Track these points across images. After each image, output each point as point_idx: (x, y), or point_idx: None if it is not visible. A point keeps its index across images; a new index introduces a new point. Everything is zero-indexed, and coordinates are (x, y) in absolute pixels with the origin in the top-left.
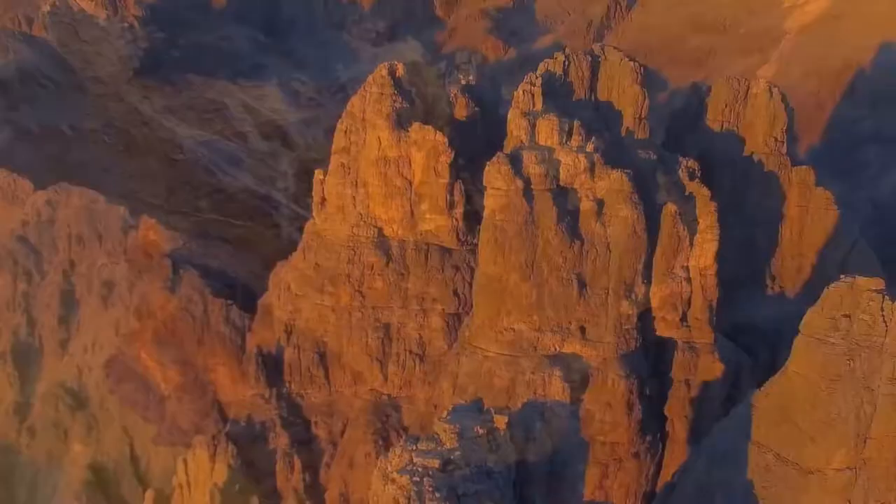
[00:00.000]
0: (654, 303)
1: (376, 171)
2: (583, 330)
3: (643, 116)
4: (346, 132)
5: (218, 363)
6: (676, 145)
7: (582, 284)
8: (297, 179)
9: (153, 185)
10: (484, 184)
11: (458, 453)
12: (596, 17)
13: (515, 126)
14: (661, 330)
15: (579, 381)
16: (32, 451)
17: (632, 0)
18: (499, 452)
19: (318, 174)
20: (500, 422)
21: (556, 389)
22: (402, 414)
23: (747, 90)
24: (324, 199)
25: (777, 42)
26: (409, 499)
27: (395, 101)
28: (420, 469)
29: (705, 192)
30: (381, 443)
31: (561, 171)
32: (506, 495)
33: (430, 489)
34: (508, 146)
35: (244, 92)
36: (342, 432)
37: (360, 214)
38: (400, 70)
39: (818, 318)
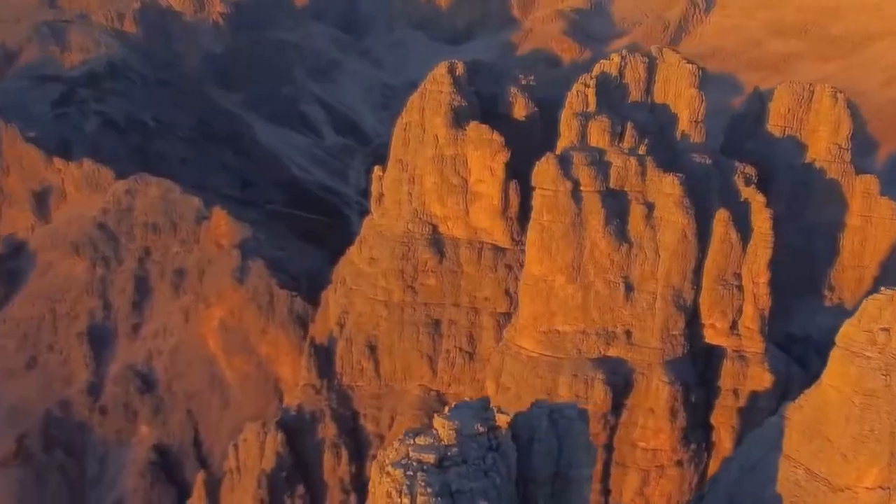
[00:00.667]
0: (704, 309)
1: (433, 169)
2: (628, 334)
3: (699, 120)
4: (404, 129)
5: (281, 353)
6: (735, 150)
7: (629, 288)
8: (368, 175)
9: (229, 177)
10: (533, 184)
11: (455, 450)
12: (673, 19)
13: (566, 126)
14: (710, 337)
15: (623, 385)
16: (103, 430)
17: (710, 2)
18: (499, 451)
19: (376, 170)
20: (502, 421)
21: (599, 393)
22: None
23: (811, 95)
24: (382, 195)
25: (859, 47)
26: (400, 492)
27: (453, 100)
28: (415, 463)
29: (760, 198)
30: None
31: (611, 172)
32: (502, 494)
33: (423, 484)
34: (560, 147)
35: (321, 88)
36: (390, 425)
37: (416, 211)
38: (460, 68)
39: (855, 331)
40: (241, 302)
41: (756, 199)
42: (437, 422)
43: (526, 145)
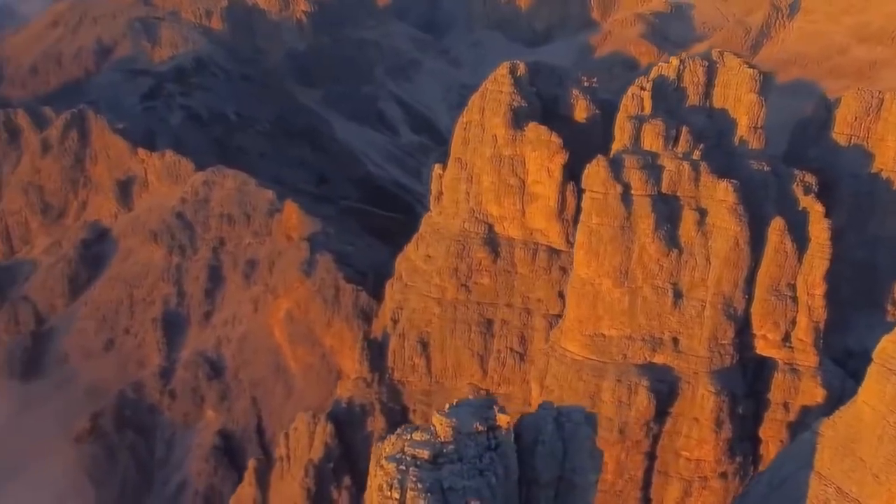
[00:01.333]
0: (755, 320)
1: (491, 168)
2: (675, 341)
3: (759, 126)
4: (464, 128)
5: (344, 346)
6: (798, 157)
7: (677, 294)
8: None
9: (306, 172)
10: (583, 186)
11: (451, 447)
12: (755, 24)
13: (620, 129)
14: (762, 348)
15: (667, 392)
16: (172, 413)
17: (794, 7)
18: (497, 451)
19: (437, 168)
20: (503, 421)
21: (642, 399)
22: None
23: (881, 103)
24: (441, 193)
25: None
26: (391, 486)
27: (513, 100)
28: (409, 458)
29: (819, 208)
30: None
31: (663, 177)
32: (497, 494)
33: (414, 479)
34: (614, 150)
35: (399, 87)
36: None
37: (473, 210)
38: (521, 69)
39: (893, 347)
40: (308, 294)
41: (814, 209)
42: (436, 418)
43: (586, 148)
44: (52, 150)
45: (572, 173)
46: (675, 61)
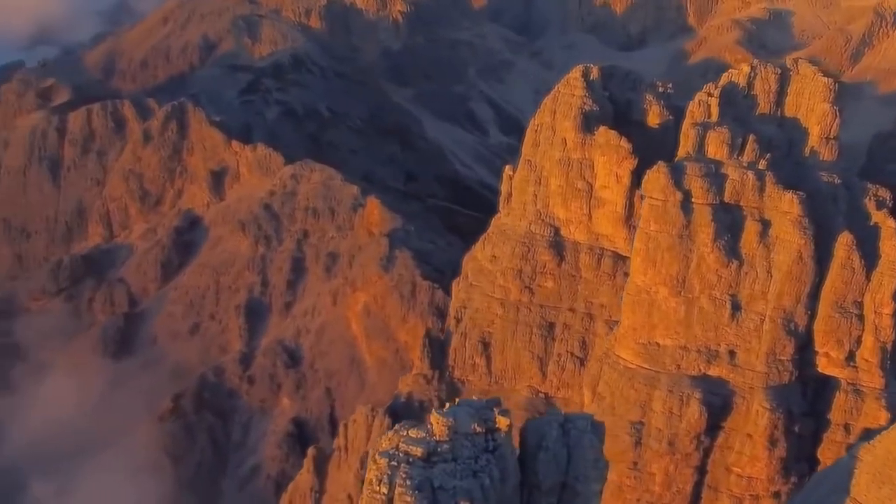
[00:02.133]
0: (818, 337)
1: (559, 171)
2: (732, 354)
3: (832, 136)
4: (535, 130)
5: (417, 342)
6: (876, 171)
7: (736, 306)
8: None
9: (395, 169)
10: (642, 192)
11: (446, 446)
12: (856, 32)
13: (684, 136)
14: (824, 367)
15: (720, 406)
16: (250, 398)
17: None
18: (495, 453)
19: (507, 170)
20: (503, 423)
21: (693, 411)
22: None
23: None
24: (510, 194)
25: None
26: (380, 482)
27: (584, 104)
28: (402, 455)
29: (891, 223)
30: None
31: (726, 186)
32: (490, 497)
33: (404, 476)
34: (679, 157)
35: (490, 87)
36: None
37: (539, 212)
38: (594, 72)
39: None
40: (385, 289)
41: (886, 224)
42: (433, 417)
43: (658, 154)
44: (152, 140)
45: (641, 179)
46: (745, 68)
